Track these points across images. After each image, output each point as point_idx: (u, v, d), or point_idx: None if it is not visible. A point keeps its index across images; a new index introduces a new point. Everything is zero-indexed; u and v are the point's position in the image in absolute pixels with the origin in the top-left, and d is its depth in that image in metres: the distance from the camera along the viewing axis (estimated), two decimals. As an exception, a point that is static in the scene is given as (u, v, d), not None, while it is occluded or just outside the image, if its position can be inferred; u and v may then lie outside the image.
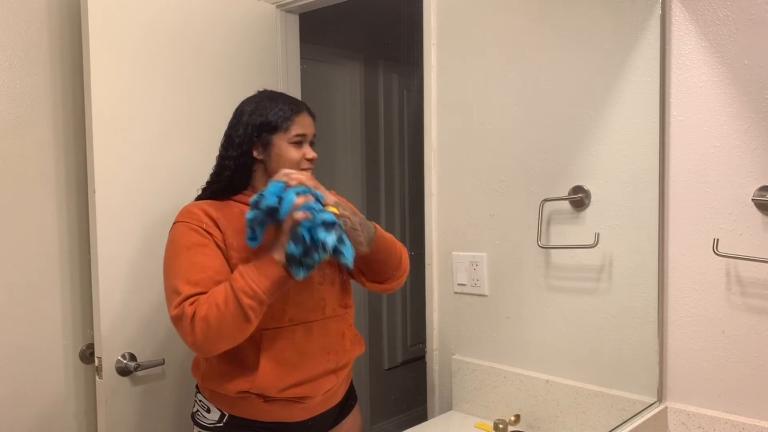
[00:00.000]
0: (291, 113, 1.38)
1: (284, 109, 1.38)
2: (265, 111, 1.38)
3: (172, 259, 1.31)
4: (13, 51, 1.60)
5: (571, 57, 1.50)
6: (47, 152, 1.66)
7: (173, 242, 1.33)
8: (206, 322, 1.20)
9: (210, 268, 1.28)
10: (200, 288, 1.25)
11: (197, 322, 1.21)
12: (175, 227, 1.34)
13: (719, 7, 1.37)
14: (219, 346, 1.25)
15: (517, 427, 1.55)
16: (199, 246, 1.30)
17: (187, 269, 1.27)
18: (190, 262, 1.28)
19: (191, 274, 1.27)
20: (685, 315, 1.45)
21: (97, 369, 1.60)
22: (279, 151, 1.37)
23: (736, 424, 1.37)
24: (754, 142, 1.34)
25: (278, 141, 1.37)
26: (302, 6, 2.02)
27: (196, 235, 1.31)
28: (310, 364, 1.36)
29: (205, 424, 1.39)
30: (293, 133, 1.37)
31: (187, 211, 1.35)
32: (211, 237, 1.31)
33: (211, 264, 1.29)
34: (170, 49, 1.72)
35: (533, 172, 1.56)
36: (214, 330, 1.21)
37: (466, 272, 1.68)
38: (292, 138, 1.37)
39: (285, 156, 1.37)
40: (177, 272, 1.28)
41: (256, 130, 1.37)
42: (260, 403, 1.35)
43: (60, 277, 1.69)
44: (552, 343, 1.55)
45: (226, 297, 1.21)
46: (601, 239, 1.45)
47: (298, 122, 1.38)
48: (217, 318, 1.20)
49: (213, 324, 1.20)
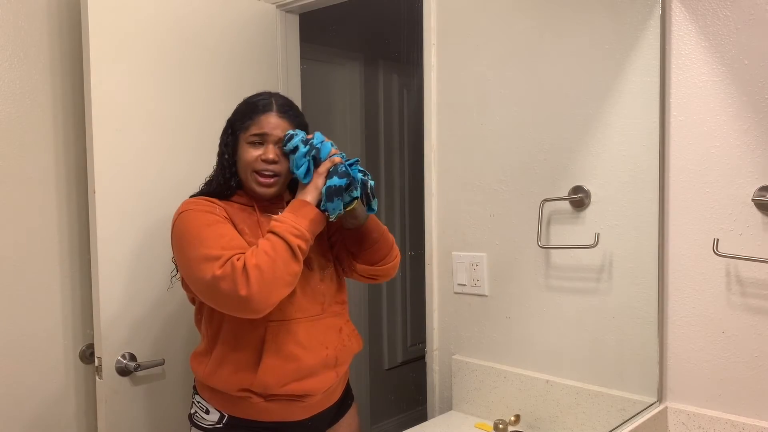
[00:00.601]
0: (251, 112, 1.37)
1: (249, 108, 1.38)
2: (237, 110, 1.40)
3: (192, 237, 1.27)
4: (13, 51, 1.60)
5: (571, 57, 1.50)
6: (47, 152, 1.66)
7: (187, 225, 1.29)
8: (259, 269, 1.18)
9: (238, 238, 1.28)
10: (240, 250, 1.23)
11: (250, 270, 1.18)
12: (184, 215, 1.31)
13: (719, 7, 1.37)
14: (274, 293, 1.21)
15: (517, 427, 1.55)
16: (218, 222, 1.29)
17: (216, 239, 1.25)
18: (217, 234, 1.26)
19: (224, 242, 1.24)
20: (685, 315, 1.45)
21: (97, 369, 1.60)
22: (239, 153, 1.37)
23: (736, 424, 1.37)
24: (754, 142, 1.34)
25: (240, 141, 1.37)
26: (302, 6, 2.02)
27: (211, 215, 1.30)
28: (311, 358, 1.36)
29: (204, 425, 1.39)
30: (250, 132, 1.35)
31: (192, 201, 1.35)
32: (225, 219, 1.31)
33: (234, 234, 1.29)
34: (170, 49, 1.72)
35: (533, 172, 1.56)
36: (269, 275, 1.19)
37: (466, 272, 1.68)
38: (249, 137, 1.36)
39: (241, 155, 1.36)
40: (205, 243, 1.24)
41: (229, 130, 1.40)
42: (261, 402, 1.35)
43: (60, 277, 1.69)
44: (552, 343, 1.55)
45: (273, 243, 1.21)
46: (601, 239, 1.45)
47: (257, 121, 1.36)
48: (269, 264, 1.19)
49: (266, 270, 1.18)
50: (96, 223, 1.57)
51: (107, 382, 1.60)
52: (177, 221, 1.32)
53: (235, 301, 1.19)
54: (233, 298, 1.18)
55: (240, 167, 1.38)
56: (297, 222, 1.24)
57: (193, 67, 1.76)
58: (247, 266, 1.18)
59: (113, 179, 1.60)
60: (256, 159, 1.34)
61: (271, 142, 1.35)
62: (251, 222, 1.37)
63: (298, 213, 1.25)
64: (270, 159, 1.34)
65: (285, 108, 1.38)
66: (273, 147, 1.34)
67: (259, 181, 1.35)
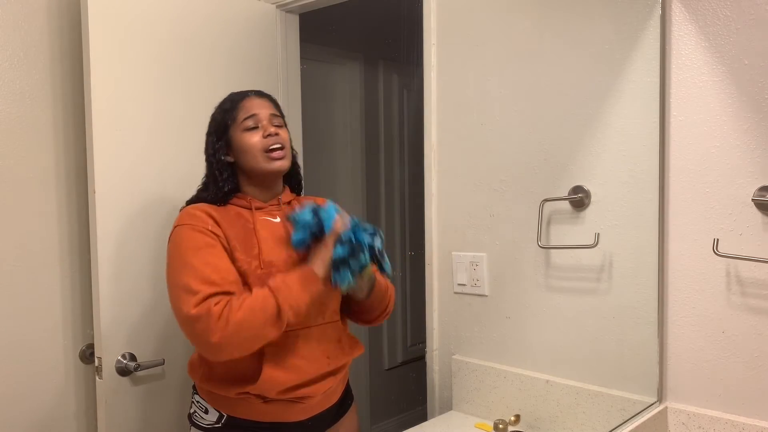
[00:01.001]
0: (234, 103, 1.38)
1: (228, 103, 1.38)
2: (216, 114, 1.40)
3: (179, 260, 1.29)
4: (13, 51, 1.60)
5: (571, 57, 1.50)
6: (47, 152, 1.66)
7: (179, 244, 1.31)
8: (240, 326, 1.20)
9: (224, 269, 1.28)
10: (219, 288, 1.24)
11: (231, 323, 1.19)
12: (179, 230, 1.33)
13: (719, 7, 1.37)
14: (245, 348, 1.24)
15: (517, 427, 1.55)
16: (208, 247, 1.29)
17: (201, 269, 1.25)
18: (203, 262, 1.26)
19: (207, 274, 1.25)
20: (685, 315, 1.45)
21: (97, 369, 1.60)
22: (238, 143, 1.37)
23: (736, 424, 1.37)
24: (754, 142, 1.34)
25: (234, 134, 1.37)
26: (302, 6, 2.02)
27: (203, 236, 1.30)
28: (311, 367, 1.36)
29: (203, 424, 1.39)
30: (241, 118, 1.36)
31: (189, 214, 1.35)
32: (217, 238, 1.31)
33: (224, 265, 1.28)
34: (170, 49, 1.72)
35: (533, 172, 1.56)
36: (247, 333, 1.21)
37: (466, 272, 1.68)
38: (243, 124, 1.36)
39: (245, 145, 1.36)
40: (189, 272, 1.25)
41: (214, 135, 1.39)
42: (260, 403, 1.35)
43: (60, 277, 1.69)
44: (552, 343, 1.55)
45: (266, 303, 1.21)
46: (601, 239, 1.45)
47: (243, 107, 1.37)
48: (252, 322, 1.20)
49: (247, 328, 1.20)
50: (96, 223, 1.57)
51: (107, 382, 1.60)
52: (172, 235, 1.34)
53: (204, 343, 1.22)
54: (203, 341, 1.21)
55: (246, 157, 1.37)
56: (300, 296, 1.23)
57: (193, 67, 1.76)
58: (229, 318, 1.20)
59: (113, 179, 1.60)
60: (260, 139, 1.35)
61: (264, 119, 1.37)
62: (246, 231, 1.36)
63: (305, 286, 1.24)
64: (272, 132, 1.36)
65: (260, 93, 1.41)
66: (267, 123, 1.36)
67: (272, 157, 1.36)
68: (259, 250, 1.34)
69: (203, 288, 1.23)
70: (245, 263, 1.31)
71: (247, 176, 1.40)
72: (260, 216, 1.39)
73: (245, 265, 1.31)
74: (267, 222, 1.39)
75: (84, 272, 1.72)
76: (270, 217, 1.40)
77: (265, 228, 1.37)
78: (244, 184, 1.41)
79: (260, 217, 1.39)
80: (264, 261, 1.33)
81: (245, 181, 1.41)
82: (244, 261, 1.32)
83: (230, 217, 1.36)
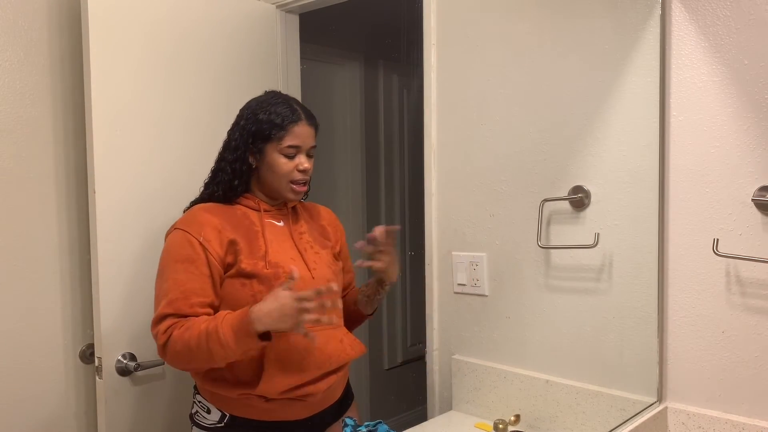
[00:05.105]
0: (285, 122, 1.35)
1: (279, 118, 1.36)
2: (261, 118, 1.37)
3: (161, 265, 1.35)
4: (13, 51, 1.60)
5: (571, 57, 1.50)
6: (47, 152, 1.66)
7: (166, 249, 1.35)
8: (176, 358, 1.28)
9: (189, 290, 1.30)
10: (173, 309, 1.29)
11: (169, 354, 1.28)
12: (173, 234, 1.35)
13: (719, 7, 1.37)
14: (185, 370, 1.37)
15: (517, 427, 1.55)
16: (186, 262, 1.31)
17: (170, 285, 1.30)
18: (173, 279, 1.30)
19: (171, 291, 1.30)
20: (685, 315, 1.45)
21: (97, 369, 1.60)
22: (270, 161, 1.37)
23: (736, 424, 1.37)
24: (754, 142, 1.34)
25: (270, 150, 1.36)
26: (302, 6, 2.02)
27: (189, 248, 1.31)
28: (312, 368, 1.36)
29: (205, 424, 1.39)
30: (286, 144, 1.35)
31: (188, 219, 1.35)
32: (204, 252, 1.31)
33: (191, 285, 1.30)
34: (170, 49, 1.71)
35: (533, 172, 1.56)
36: (183, 366, 1.33)
37: (466, 272, 1.68)
38: (284, 149, 1.36)
39: (275, 166, 1.37)
40: (161, 283, 1.33)
41: (251, 136, 1.37)
42: (262, 403, 1.35)
43: (60, 277, 1.68)
44: (552, 343, 1.55)
45: (199, 345, 1.24)
46: (601, 239, 1.45)
47: (292, 132, 1.36)
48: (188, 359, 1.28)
49: (181, 362, 1.30)
50: (96, 223, 1.57)
51: (107, 382, 1.60)
52: (169, 235, 1.36)
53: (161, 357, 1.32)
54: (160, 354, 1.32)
55: (272, 177, 1.38)
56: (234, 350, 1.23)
57: (192, 67, 1.76)
58: (167, 348, 1.28)
59: (113, 179, 1.60)
60: (293, 170, 1.37)
61: (304, 152, 1.39)
62: (252, 232, 1.37)
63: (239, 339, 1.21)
64: (306, 169, 1.38)
65: (310, 116, 1.41)
66: (306, 157, 1.39)
67: (295, 189, 1.38)
68: (266, 251, 1.35)
69: (163, 308, 1.29)
70: (251, 264, 1.33)
71: (260, 182, 1.41)
72: (265, 219, 1.40)
73: (251, 266, 1.33)
74: (272, 225, 1.41)
75: (84, 272, 1.72)
76: (275, 221, 1.42)
77: (270, 231, 1.39)
78: (255, 188, 1.42)
79: (265, 220, 1.40)
80: (270, 262, 1.34)
81: (257, 185, 1.42)
82: (249, 262, 1.33)
83: (236, 217, 1.37)
